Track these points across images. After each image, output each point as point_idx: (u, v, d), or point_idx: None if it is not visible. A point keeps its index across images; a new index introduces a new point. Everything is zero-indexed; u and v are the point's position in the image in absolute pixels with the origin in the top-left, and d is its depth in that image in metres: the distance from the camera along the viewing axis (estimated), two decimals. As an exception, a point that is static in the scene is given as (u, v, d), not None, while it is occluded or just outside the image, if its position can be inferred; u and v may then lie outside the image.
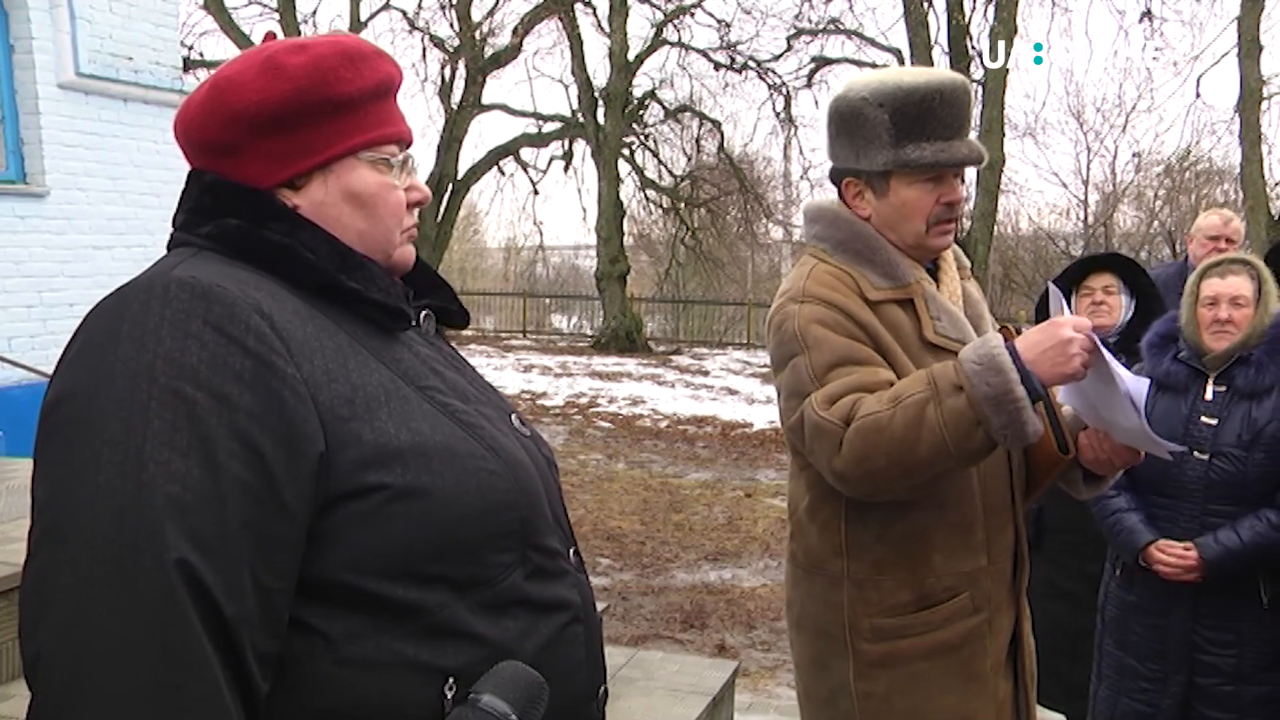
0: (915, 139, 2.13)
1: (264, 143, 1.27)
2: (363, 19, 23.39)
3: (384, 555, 1.16)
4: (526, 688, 1.18)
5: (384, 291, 1.29)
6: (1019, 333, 2.14)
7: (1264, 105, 16.96)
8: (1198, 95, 19.09)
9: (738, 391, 14.95)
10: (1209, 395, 3.20)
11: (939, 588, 2.16)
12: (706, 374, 17.43)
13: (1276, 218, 15.99)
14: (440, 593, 1.19)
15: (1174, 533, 3.16)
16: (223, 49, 22.85)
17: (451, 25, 23.34)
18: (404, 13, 23.46)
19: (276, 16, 22.23)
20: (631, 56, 22.14)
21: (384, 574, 1.16)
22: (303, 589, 1.14)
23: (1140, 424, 2.04)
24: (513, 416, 1.39)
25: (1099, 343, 1.97)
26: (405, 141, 1.36)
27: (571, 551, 1.37)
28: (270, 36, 1.34)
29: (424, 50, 23.68)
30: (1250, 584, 3.11)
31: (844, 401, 2.02)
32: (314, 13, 22.78)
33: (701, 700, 4.11)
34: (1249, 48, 16.25)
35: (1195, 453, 3.16)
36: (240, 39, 21.08)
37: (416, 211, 1.39)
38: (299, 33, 20.99)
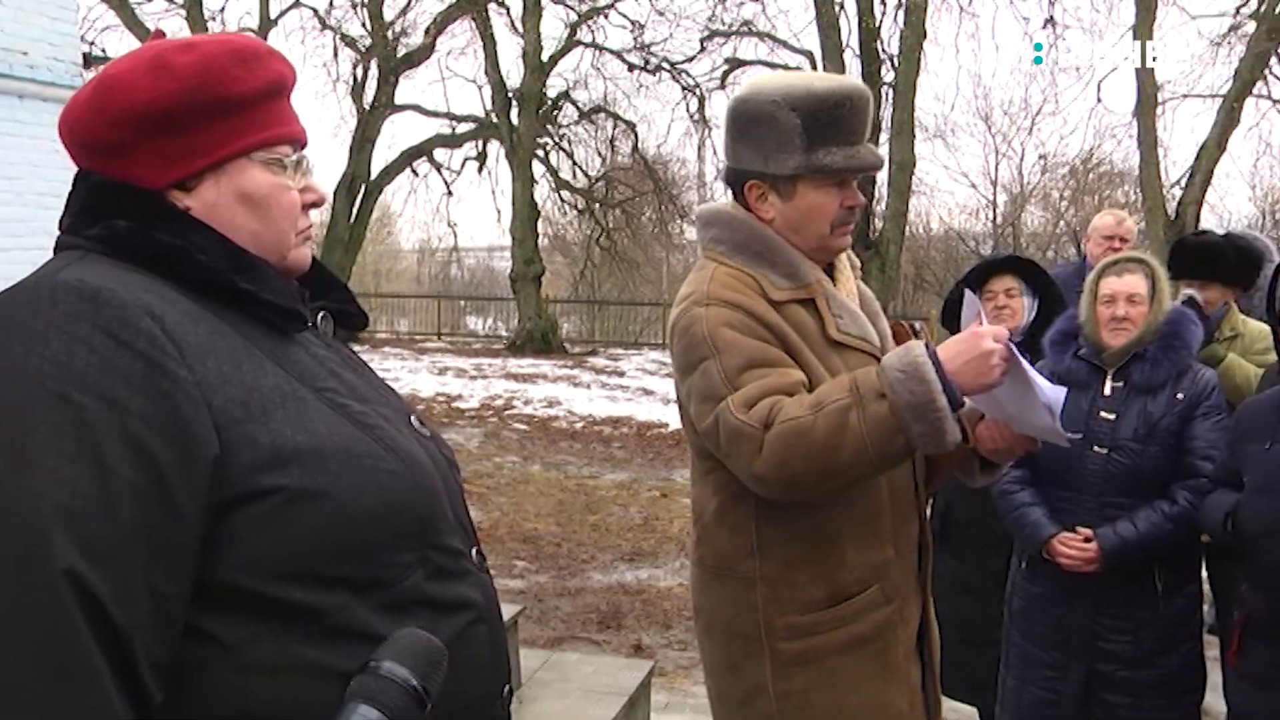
0: (826, 144, 2.14)
1: (153, 143, 1.25)
2: (272, 16, 22.98)
3: (282, 558, 1.15)
4: (426, 653, 1.18)
5: (278, 293, 1.28)
6: (914, 330, 2.18)
7: (1159, 110, 17.51)
8: (1099, 100, 19.62)
9: (653, 392, 14.97)
10: (1107, 391, 3.30)
11: (850, 581, 2.18)
12: (622, 375, 17.43)
13: (1173, 218, 16.49)
14: (340, 594, 1.19)
15: (1075, 525, 3.26)
16: (126, 45, 22.28)
17: (363, 24, 23.05)
18: (315, 11, 23.13)
19: (183, 13, 21.72)
20: (545, 57, 22.06)
21: (283, 577, 1.15)
22: (199, 594, 1.13)
23: (1054, 426, 2.09)
24: (411, 417, 1.38)
25: (1017, 353, 2.01)
26: (299, 142, 1.35)
27: (474, 551, 1.37)
28: (159, 34, 1.32)
29: (335, 49, 23.37)
30: (1146, 573, 3.21)
31: (763, 405, 2.02)
32: (222, 10, 22.27)
33: (617, 701, 4.12)
34: (1145, 56, 16.73)
35: (1095, 447, 3.25)
36: (144, 35, 20.55)
37: (313, 213, 1.38)
38: (205, 29, 20.57)
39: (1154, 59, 16.53)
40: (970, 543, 3.88)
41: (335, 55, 23.32)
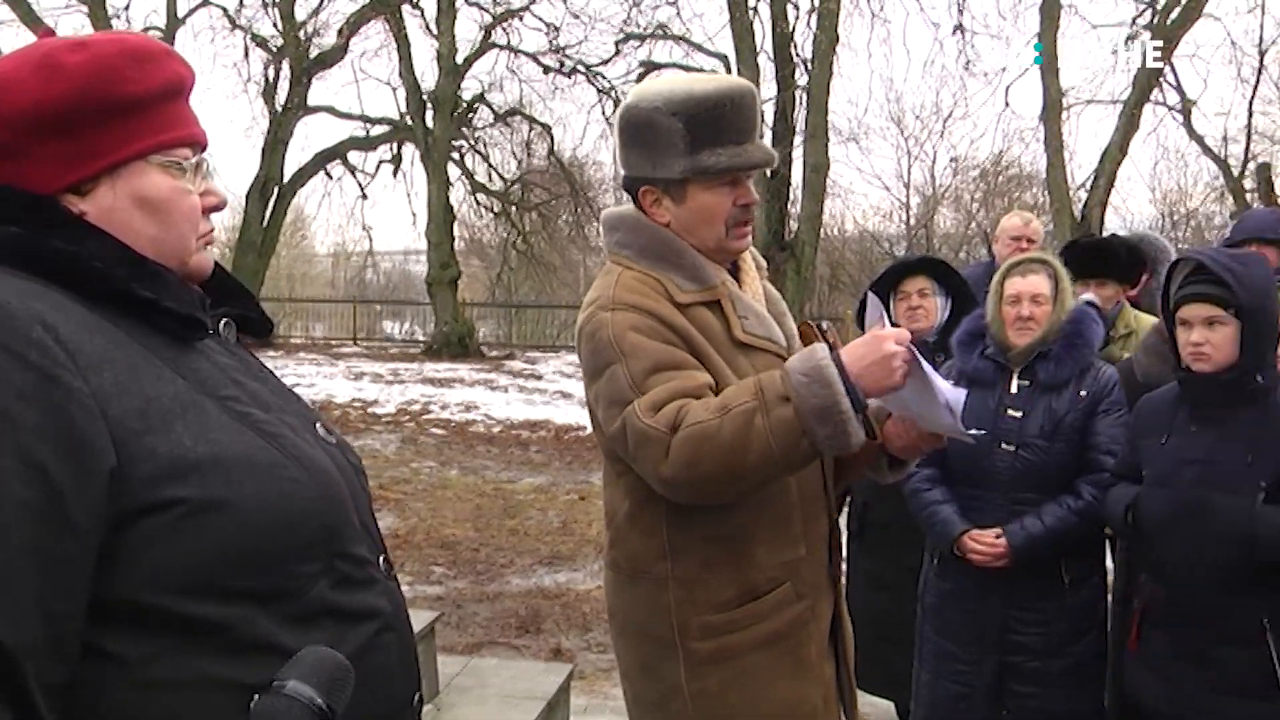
0: (710, 145, 2.15)
1: (44, 145, 1.21)
2: (180, 15, 22.45)
3: (183, 571, 1.13)
4: (331, 670, 1.16)
5: (178, 300, 1.25)
6: (821, 330, 2.21)
7: (1064, 115, 17.98)
8: (1006, 104, 20.14)
9: (571, 395, 14.93)
10: (1014, 389, 3.37)
11: (762, 579, 2.20)
12: (540, 378, 17.38)
13: (1079, 219, 16.93)
14: (243, 607, 1.17)
15: (985, 522, 3.32)
16: (23, 42, 21.56)
17: (275, 25, 22.59)
18: (224, 10, 22.61)
19: (85, 9, 21.09)
20: (460, 59, 21.89)
21: (183, 591, 1.13)
22: (96, 611, 1.10)
23: (956, 425, 2.13)
24: (317, 424, 1.36)
25: (918, 355, 2.04)
26: (199, 144, 1.32)
27: (381, 559, 1.35)
28: (48, 33, 1.29)
29: (246, 50, 22.84)
30: (1054, 566, 3.29)
31: (669, 408, 2.03)
32: (127, 7, 21.57)
33: (536, 705, 4.11)
34: (1049, 61, 17.19)
35: (1002, 444, 3.32)
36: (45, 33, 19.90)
37: (215, 217, 1.36)
38: (109, 27, 20.01)
39: (1058, 65, 17.00)
40: (886, 541, 3.94)
41: (246, 56, 22.78)
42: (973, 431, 2.21)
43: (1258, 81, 19.88)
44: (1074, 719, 3.32)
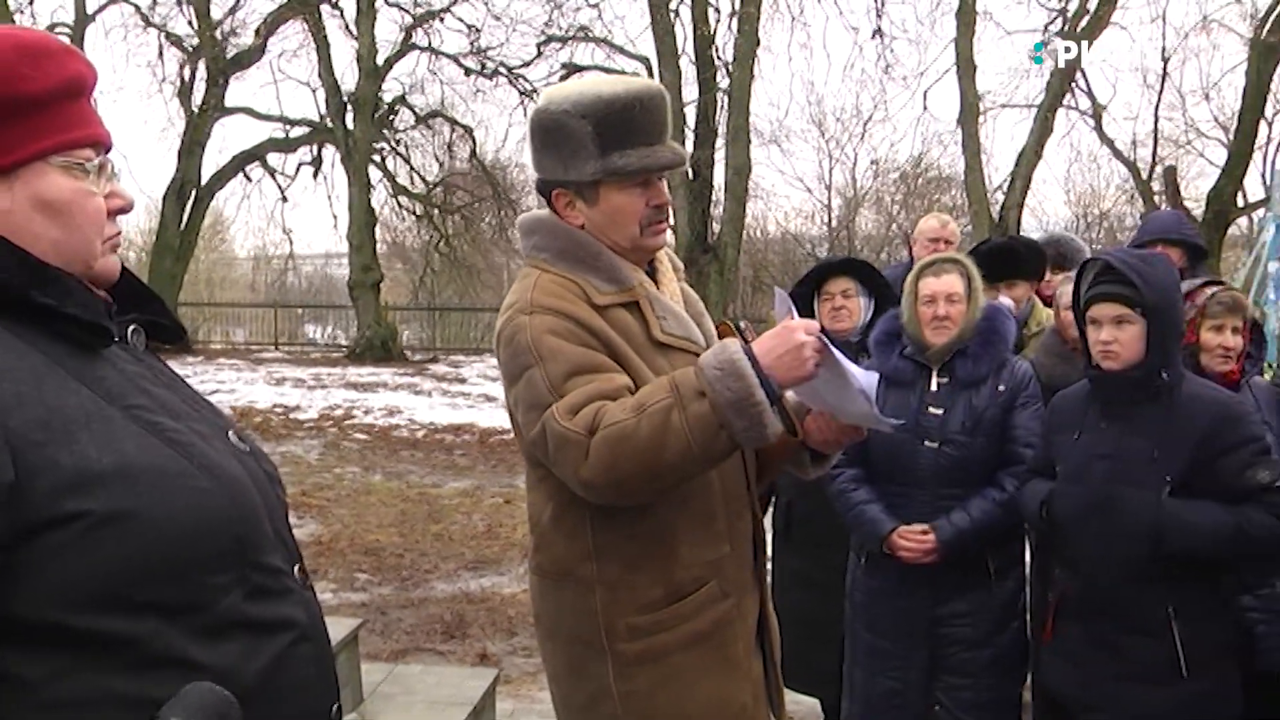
0: (620, 147, 2.16)
1: None
2: (90, 12, 21.89)
3: (89, 586, 1.10)
4: (215, 705, 1.14)
5: (82, 306, 1.21)
6: (739, 329, 2.22)
7: (981, 119, 18.32)
8: (925, 108, 20.46)
9: (495, 398, 14.79)
10: (934, 387, 3.42)
11: (688, 579, 2.20)
12: (464, 381, 17.26)
13: (997, 220, 17.25)
14: (151, 621, 1.14)
15: (911, 518, 3.37)
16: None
17: (190, 23, 22.14)
18: (137, 7, 22.08)
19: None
20: (380, 60, 21.64)
21: (89, 606, 1.10)
22: None
23: (872, 411, 2.15)
24: (229, 432, 1.33)
25: (829, 344, 2.06)
26: (103, 145, 1.28)
27: (297, 568, 1.33)
28: None
29: (160, 49, 22.35)
30: (979, 558, 3.35)
31: (587, 411, 2.03)
32: (31, 2, 20.85)
33: (461, 711, 4.08)
34: (965, 66, 17.50)
35: (925, 441, 3.37)
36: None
37: (122, 219, 1.32)
38: (13, 23, 19.41)
39: (975, 70, 17.30)
40: (812, 539, 3.97)
41: (160, 55, 22.25)
42: (891, 420, 2.24)
43: (1162, 88, 20.63)
44: (1001, 707, 3.39)
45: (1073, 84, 19.06)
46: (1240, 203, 18.54)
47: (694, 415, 1.98)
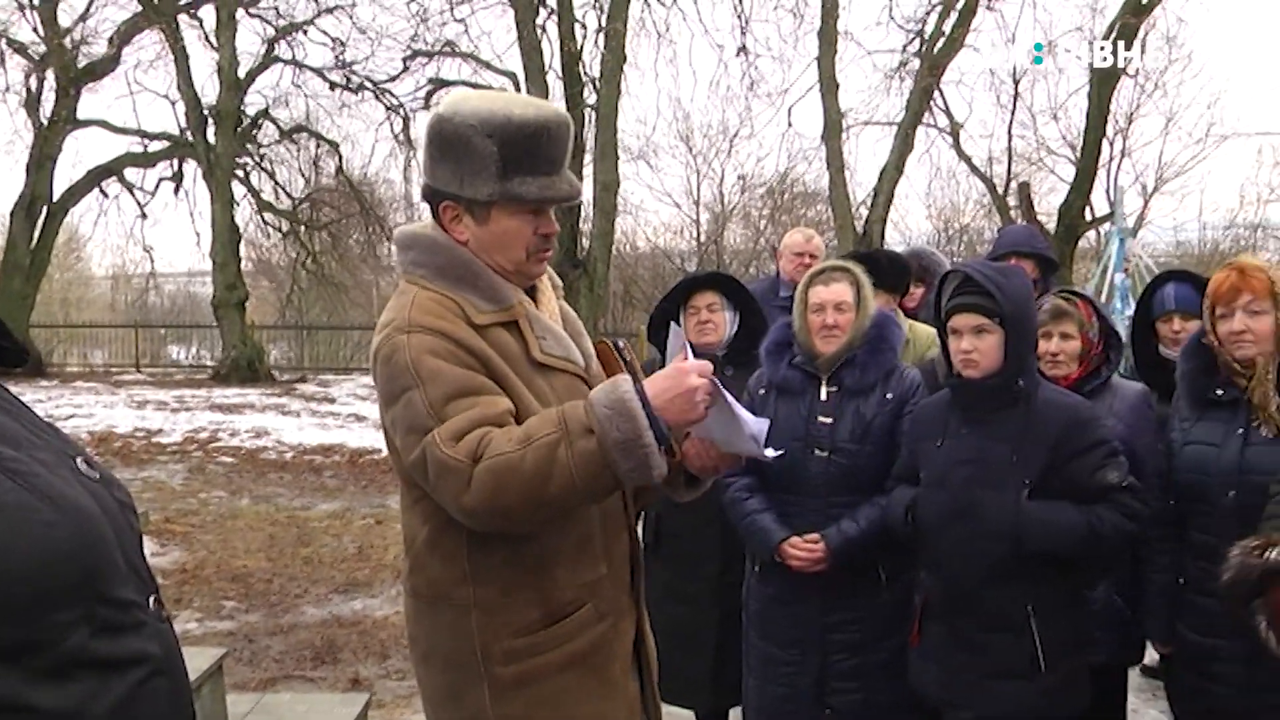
0: (522, 173, 2.13)
1: None
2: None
3: None
4: None
5: None
6: (617, 349, 2.21)
7: (844, 135, 18.75)
8: (790, 125, 20.85)
9: (365, 418, 14.60)
10: (823, 396, 3.46)
11: (564, 601, 2.19)
12: (333, 401, 16.97)
13: (861, 234, 17.66)
14: None
15: (804, 527, 3.40)
16: None
17: (35, 30, 21.21)
18: (-25, 13, 21.07)
19: None
20: (242, 73, 21.11)
21: None
22: None
23: (759, 451, 2.17)
24: (78, 460, 1.27)
25: (720, 387, 2.07)
26: None
27: (152, 600, 1.27)
28: None
29: (2, 56, 21.30)
30: (869, 564, 3.40)
31: (470, 438, 2.00)
32: None
33: (332, 738, 3.98)
34: (828, 84, 17.90)
35: (816, 450, 3.41)
36: None
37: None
38: None
39: (837, 87, 17.70)
40: (682, 552, 3.99)
41: (2, 63, 21.22)
42: (770, 452, 2.25)
43: (1014, 108, 21.50)
44: (894, 710, 3.43)
45: (931, 103, 19.66)
46: (1088, 217, 19.45)
47: (580, 452, 1.97)
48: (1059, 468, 2.98)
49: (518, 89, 18.52)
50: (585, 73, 18.93)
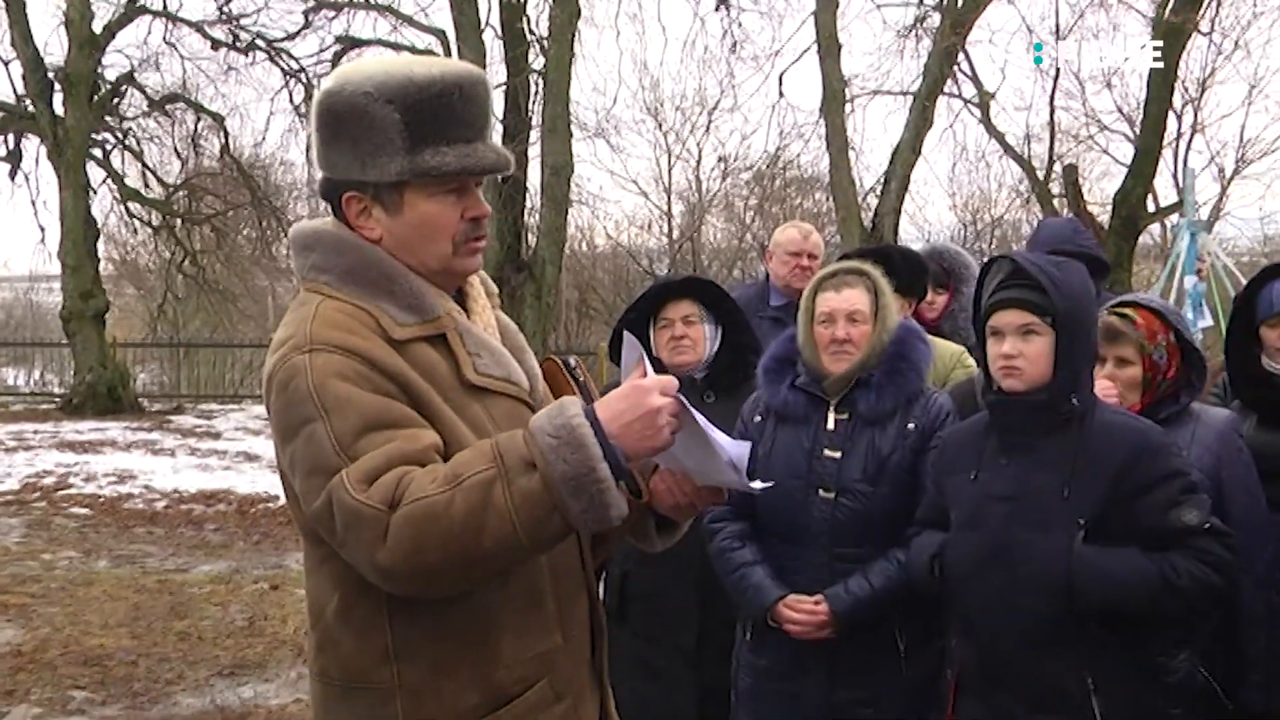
0: (434, 143, 2.16)
1: None
2: None
3: None
4: None
5: None
6: (568, 367, 2.21)
7: (848, 108, 18.85)
8: (781, 94, 20.91)
9: (259, 457, 14.67)
10: (831, 424, 3.47)
11: (511, 680, 2.18)
12: (218, 436, 17.08)
13: (870, 228, 17.73)
14: None
15: (804, 583, 3.40)
16: None
17: None
18: None
19: None
20: (98, 26, 21.02)
21: None
22: None
23: (740, 480, 2.17)
24: None
25: (688, 405, 2.06)
26: None
27: None
28: None
29: None
30: (885, 631, 3.40)
31: (386, 480, 1.99)
32: None
33: None
34: (828, 45, 17.98)
35: (820, 491, 3.41)
36: None
37: None
38: None
39: (840, 49, 17.80)
40: (653, 617, 3.98)
41: None
42: (757, 484, 2.24)
43: (1057, 73, 21.38)
44: None
45: (954, 67, 19.77)
46: (1151, 207, 19.42)
47: (521, 492, 1.96)
48: (1122, 505, 2.98)
49: (447, 51, 18.57)
50: (531, 30, 19.00)
